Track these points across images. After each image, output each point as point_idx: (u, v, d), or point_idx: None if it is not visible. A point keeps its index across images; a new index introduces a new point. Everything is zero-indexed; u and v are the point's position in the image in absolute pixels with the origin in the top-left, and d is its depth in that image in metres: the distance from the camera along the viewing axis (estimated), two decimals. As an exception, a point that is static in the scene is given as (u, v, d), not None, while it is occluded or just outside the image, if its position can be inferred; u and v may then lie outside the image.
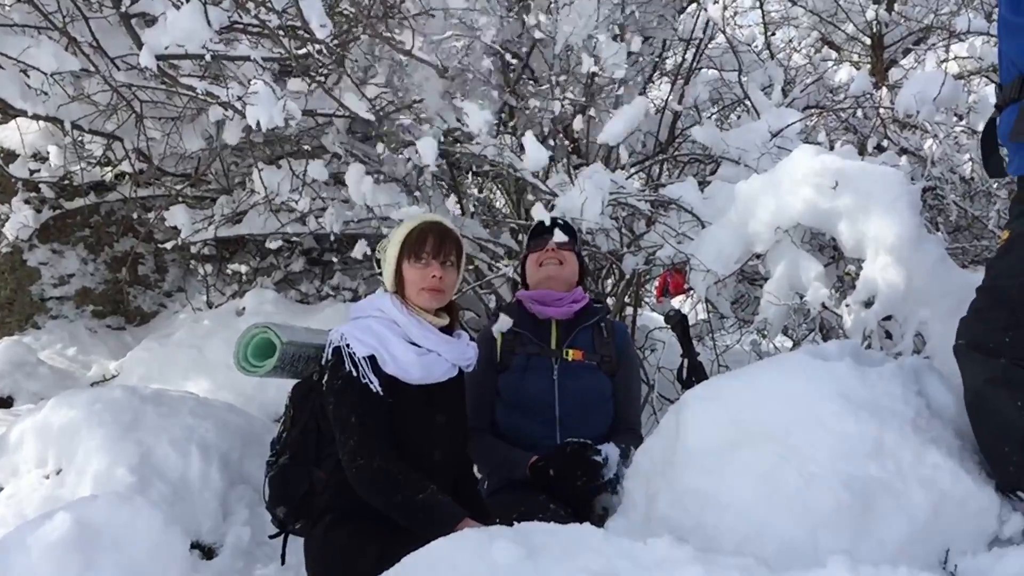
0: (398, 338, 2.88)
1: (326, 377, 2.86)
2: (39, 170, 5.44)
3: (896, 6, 6.05)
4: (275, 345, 2.98)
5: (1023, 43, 2.35)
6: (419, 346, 2.90)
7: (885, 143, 4.49)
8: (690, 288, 3.82)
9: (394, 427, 2.83)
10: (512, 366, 3.39)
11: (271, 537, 3.15)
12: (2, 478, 3.80)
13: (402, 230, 2.98)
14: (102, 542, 1.93)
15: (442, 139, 4.23)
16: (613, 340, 3.47)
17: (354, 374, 2.80)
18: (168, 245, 5.39)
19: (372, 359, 2.82)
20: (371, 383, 2.79)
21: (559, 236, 3.48)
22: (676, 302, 3.85)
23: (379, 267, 3.05)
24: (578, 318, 3.44)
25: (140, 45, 3.68)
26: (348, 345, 2.83)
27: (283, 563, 3.16)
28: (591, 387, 3.38)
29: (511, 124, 5.27)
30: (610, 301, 4.67)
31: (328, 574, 2.84)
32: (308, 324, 3.84)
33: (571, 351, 3.38)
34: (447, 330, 3.03)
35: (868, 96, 4.71)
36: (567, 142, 5.23)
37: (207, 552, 3.56)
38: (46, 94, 4.15)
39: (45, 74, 3.89)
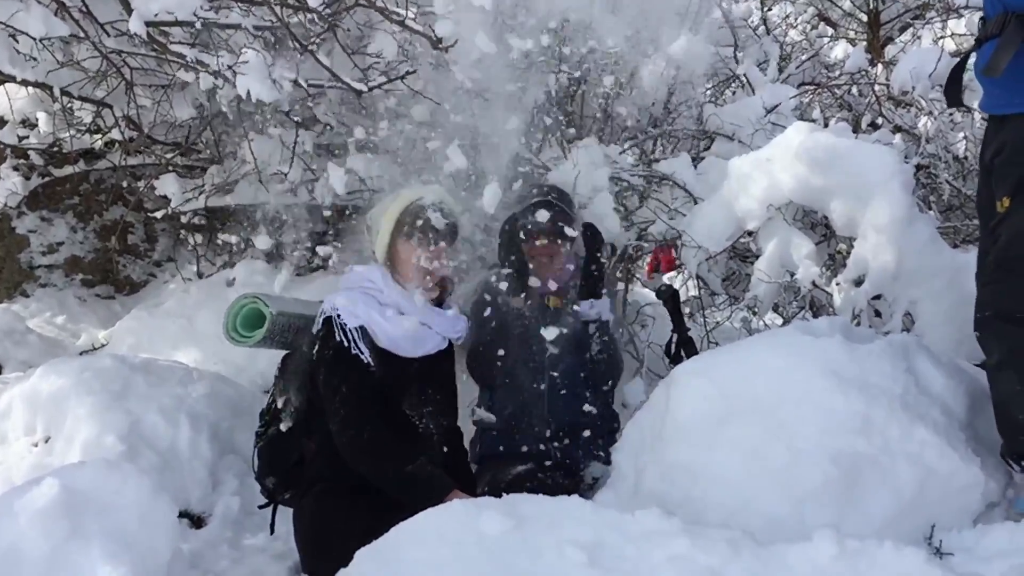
0: (390, 311, 2.88)
1: (316, 347, 2.86)
2: (28, 137, 5.38)
3: (893, -18, 6.03)
4: (264, 316, 2.97)
5: None
6: (410, 318, 2.90)
7: (880, 121, 4.48)
8: (681, 264, 3.81)
9: (384, 398, 2.83)
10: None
11: (260, 507, 3.16)
12: (-9, 445, 3.79)
13: (398, 204, 2.97)
14: (90, 508, 1.93)
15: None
16: None
17: (345, 344, 2.79)
18: (158, 214, 5.35)
19: (363, 330, 2.82)
20: (362, 354, 2.80)
21: (546, 228, 3.41)
22: (667, 278, 3.84)
23: (369, 235, 3.03)
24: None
25: (130, 11, 3.63)
26: (339, 315, 2.83)
27: (272, 532, 3.18)
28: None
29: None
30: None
31: (316, 544, 2.85)
32: (299, 295, 3.83)
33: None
34: (437, 303, 3.03)
35: (864, 73, 4.70)
36: (561, 116, 5.20)
37: (196, 521, 3.56)
38: (35, 59, 4.10)
39: (34, 39, 3.84)
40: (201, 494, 3.59)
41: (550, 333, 3.25)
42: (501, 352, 3.32)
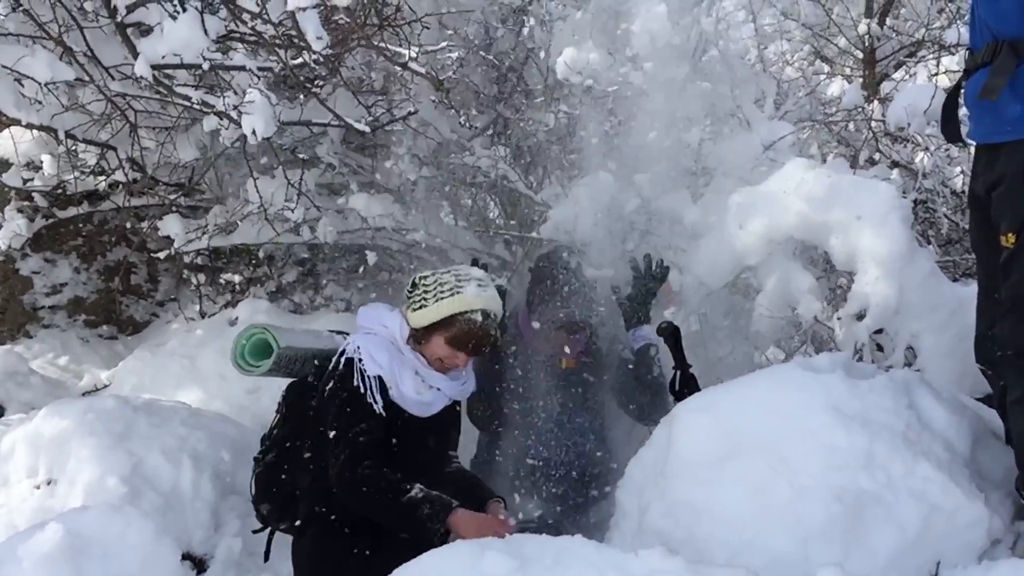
0: (408, 369, 2.90)
1: (330, 385, 2.87)
2: (32, 179, 5.42)
3: (888, 20, 6.08)
4: (272, 348, 2.98)
5: (1001, 9, 2.38)
6: (422, 380, 2.92)
7: (877, 156, 4.51)
8: (681, 300, 3.87)
9: (387, 446, 2.83)
10: None
11: (254, 532, 3.15)
12: (-7, 488, 3.78)
13: (453, 304, 2.92)
14: (93, 553, 1.92)
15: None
16: None
17: (361, 391, 2.80)
18: (161, 255, 5.38)
19: (380, 380, 2.84)
20: (375, 403, 2.80)
21: (566, 325, 3.51)
22: (668, 313, 3.86)
23: (411, 291, 3.00)
24: None
25: (136, 55, 3.68)
26: (360, 360, 2.85)
27: (266, 560, 3.16)
28: None
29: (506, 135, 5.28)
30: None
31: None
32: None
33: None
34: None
35: (860, 109, 4.74)
36: (561, 153, 5.24)
37: (198, 563, 3.54)
38: (40, 103, 4.15)
39: (39, 83, 3.89)
40: (203, 535, 3.57)
41: (559, 391, 3.33)
42: (513, 404, 3.39)
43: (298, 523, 2.98)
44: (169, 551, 2.11)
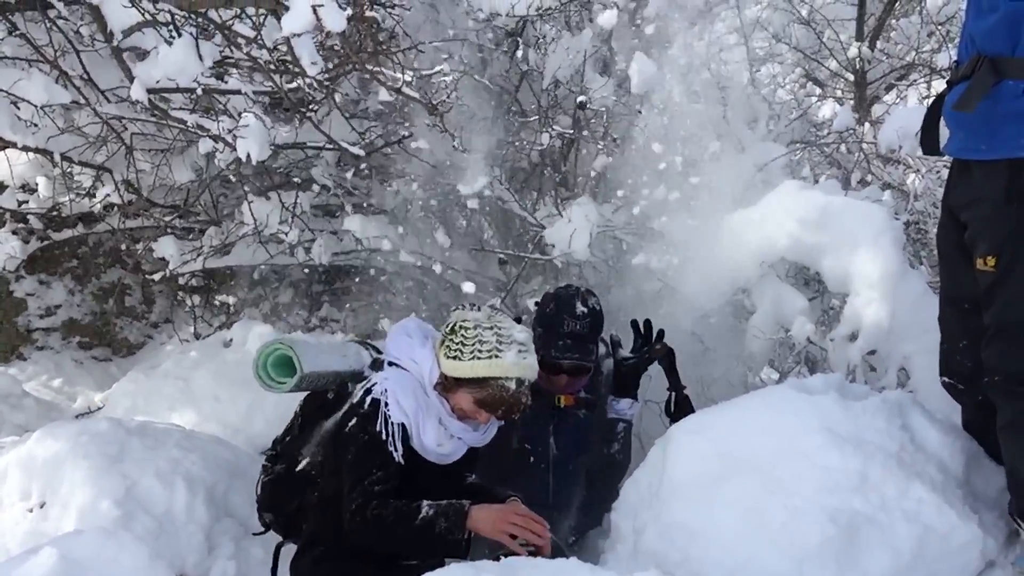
0: (432, 418, 2.83)
1: (353, 422, 2.79)
2: (27, 201, 5.44)
3: (879, 43, 6.13)
4: (295, 367, 2.93)
5: (988, 27, 2.37)
6: (445, 429, 2.87)
7: (869, 178, 4.54)
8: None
9: (401, 488, 2.79)
10: None
11: (255, 534, 3.11)
12: (-15, 511, 3.76)
13: (490, 367, 2.79)
14: (87, 577, 1.92)
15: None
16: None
17: (383, 437, 2.76)
18: (156, 276, 5.39)
19: (403, 427, 2.79)
20: (396, 451, 2.76)
21: (567, 368, 3.43)
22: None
23: (448, 338, 2.86)
24: None
25: (131, 78, 3.70)
26: (386, 404, 2.80)
27: (274, 574, 3.11)
28: None
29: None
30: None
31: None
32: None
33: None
34: None
35: (851, 131, 4.77)
36: (555, 174, 5.27)
37: (188, 588, 3.52)
38: (36, 126, 4.17)
39: (35, 106, 3.90)
40: (197, 558, 3.55)
41: (558, 432, 3.31)
42: (512, 445, 3.37)
43: (300, 543, 2.95)
44: (163, 575, 2.10)
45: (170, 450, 3.80)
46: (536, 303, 3.66)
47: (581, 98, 4.57)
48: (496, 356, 2.78)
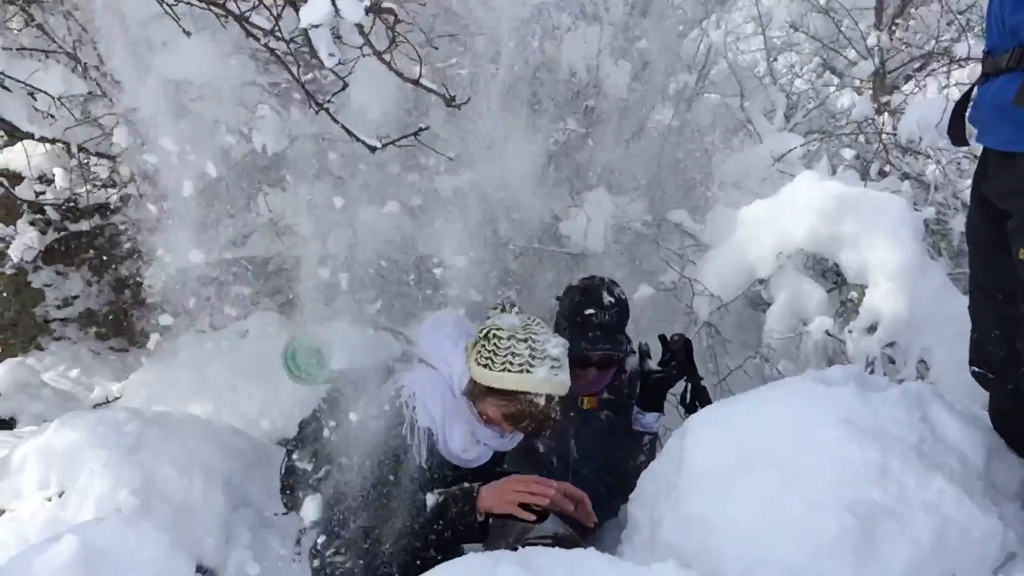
0: (460, 423, 2.81)
1: (379, 419, 2.76)
2: (44, 192, 5.47)
3: (897, 32, 6.09)
4: (323, 358, 2.92)
5: None
6: (472, 434, 2.84)
7: (888, 168, 4.52)
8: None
9: (422, 485, 2.78)
10: None
11: (277, 515, 3.11)
12: (4, 500, 3.78)
13: (521, 381, 2.74)
14: (108, 565, 1.93)
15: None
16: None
17: (409, 441, 2.74)
18: (172, 268, 5.40)
19: (429, 431, 2.78)
20: (419, 456, 2.75)
21: (594, 360, 3.37)
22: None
23: (480, 344, 2.81)
24: None
25: (148, 70, 3.70)
26: (413, 408, 2.79)
27: (297, 553, 3.11)
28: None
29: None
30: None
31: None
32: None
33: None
34: None
35: (870, 121, 4.75)
36: (571, 166, 5.26)
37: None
38: (53, 117, 4.18)
39: (53, 97, 3.92)
40: (214, 548, 3.57)
41: (579, 435, 3.27)
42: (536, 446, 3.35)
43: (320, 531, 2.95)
44: (183, 563, 2.11)
45: (187, 440, 3.82)
46: (557, 297, 3.62)
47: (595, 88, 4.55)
48: (528, 371, 2.73)
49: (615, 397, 3.49)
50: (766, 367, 4.01)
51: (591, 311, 3.35)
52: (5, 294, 5.74)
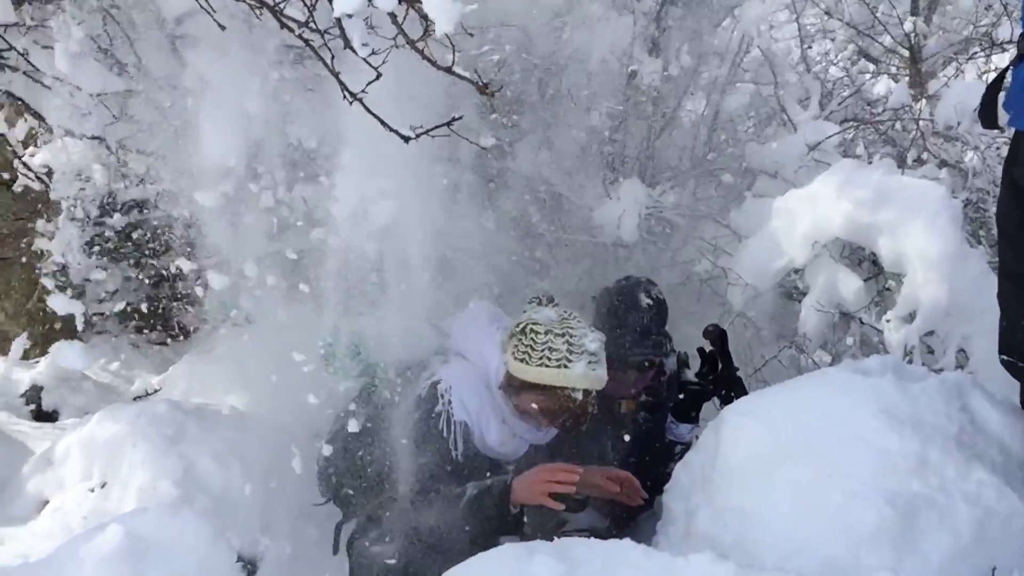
0: (496, 418, 2.82)
1: (416, 413, 2.79)
2: (84, 188, 5.54)
3: (934, 17, 6.00)
4: (360, 352, 2.95)
5: None
6: (508, 428, 2.85)
7: (925, 156, 4.45)
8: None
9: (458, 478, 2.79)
10: None
11: (316, 505, 3.14)
12: (48, 491, 3.86)
13: (559, 376, 2.76)
14: (152, 554, 1.97)
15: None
16: None
17: (445, 435, 2.76)
18: (211, 261, 5.46)
19: (465, 424, 2.78)
20: (455, 450, 2.76)
21: (633, 363, 3.33)
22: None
23: (516, 338, 2.82)
24: None
25: (184, 66, 3.74)
26: (449, 402, 2.79)
27: (335, 552, 3.13)
28: None
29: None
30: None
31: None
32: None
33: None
34: None
35: (907, 108, 4.68)
36: (603, 155, 5.23)
37: (248, 566, 3.58)
38: (91, 114, 4.23)
39: (91, 95, 3.97)
40: (253, 538, 3.62)
41: (616, 437, 3.25)
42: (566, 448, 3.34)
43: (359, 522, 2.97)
44: (225, 553, 2.15)
45: (225, 432, 3.87)
46: (593, 297, 3.60)
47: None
48: (565, 366, 2.73)
49: (653, 399, 3.46)
50: (801, 357, 3.98)
51: (629, 314, 3.31)
52: (46, 289, 5.84)
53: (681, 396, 3.43)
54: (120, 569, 1.91)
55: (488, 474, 2.84)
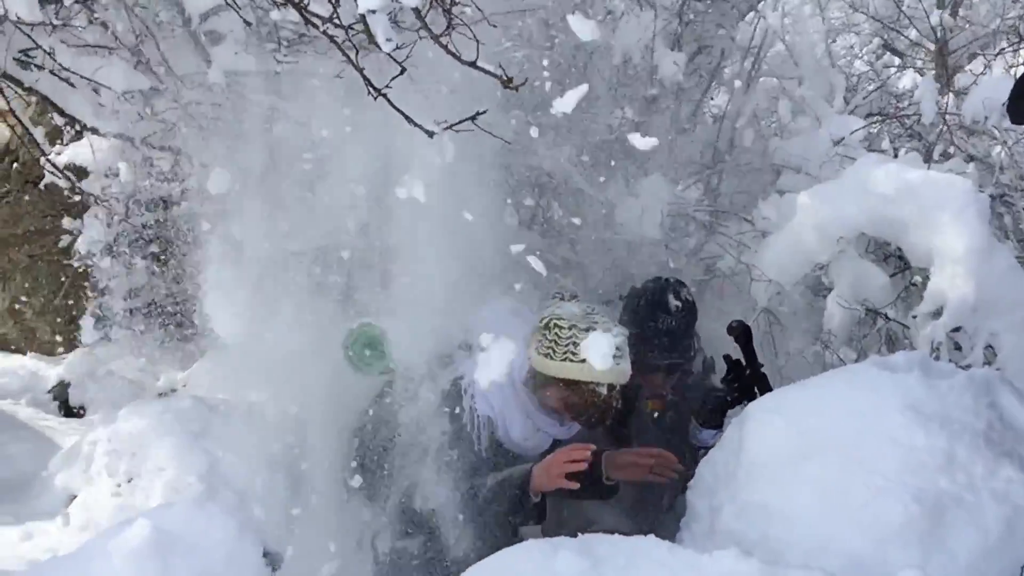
0: (519, 412, 2.84)
1: (440, 408, 2.81)
2: (110, 186, 5.58)
3: (961, 11, 5.94)
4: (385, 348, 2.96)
5: None
6: (532, 423, 2.86)
7: (952, 150, 4.41)
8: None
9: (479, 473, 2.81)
10: None
11: (340, 501, 3.16)
12: (76, 486, 3.91)
13: (581, 372, 2.76)
14: (179, 548, 1.98)
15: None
16: None
17: (468, 429, 2.77)
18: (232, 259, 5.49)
19: (488, 419, 2.79)
20: (478, 442, 2.77)
21: (663, 366, 3.31)
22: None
23: (541, 332, 2.82)
24: None
25: (209, 63, 3.77)
26: (472, 397, 2.80)
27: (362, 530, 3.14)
28: None
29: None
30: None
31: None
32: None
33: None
34: None
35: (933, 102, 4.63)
36: (625, 151, 5.22)
37: (272, 561, 3.60)
38: (117, 112, 4.27)
39: (116, 93, 4.00)
40: (278, 534, 3.64)
41: (643, 440, 3.23)
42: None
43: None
44: (251, 547, 2.16)
45: (250, 427, 3.90)
46: (621, 296, 3.57)
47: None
48: (589, 361, 2.73)
49: (679, 398, 3.44)
50: (826, 354, 3.95)
51: (658, 317, 3.28)
52: (73, 286, 5.90)
53: (705, 403, 3.40)
54: (148, 563, 1.93)
55: (511, 461, 2.85)
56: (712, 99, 5.36)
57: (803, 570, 2.18)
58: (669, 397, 3.39)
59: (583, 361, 2.72)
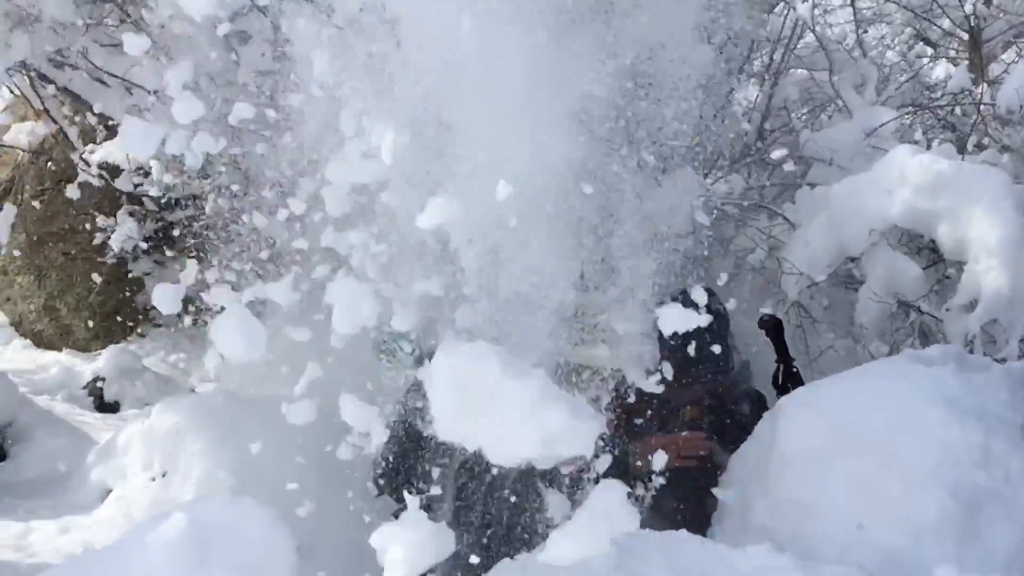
0: None
1: None
2: (142, 184, 5.65)
3: (994, -1, 5.85)
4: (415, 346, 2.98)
5: None
6: None
7: (986, 141, 4.35)
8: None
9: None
10: None
11: (375, 496, 3.18)
12: (111, 481, 3.96)
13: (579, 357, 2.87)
14: (215, 541, 2.00)
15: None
16: None
17: None
18: (264, 255, 5.53)
19: None
20: None
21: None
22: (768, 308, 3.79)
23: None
24: None
25: (238, 63, 3.80)
26: None
27: None
28: None
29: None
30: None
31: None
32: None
33: None
34: None
35: (967, 93, 4.57)
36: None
37: (305, 555, 3.63)
38: (149, 111, 4.31)
39: (148, 92, 4.05)
40: (310, 529, 3.67)
41: None
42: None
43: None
44: (286, 541, 2.18)
45: (282, 422, 3.92)
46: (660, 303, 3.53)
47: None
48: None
49: (716, 402, 3.42)
50: (858, 348, 3.92)
51: (688, 334, 3.25)
52: (107, 283, 5.97)
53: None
54: (185, 556, 1.95)
55: None
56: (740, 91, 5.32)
57: (838, 565, 2.17)
58: (706, 402, 3.36)
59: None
